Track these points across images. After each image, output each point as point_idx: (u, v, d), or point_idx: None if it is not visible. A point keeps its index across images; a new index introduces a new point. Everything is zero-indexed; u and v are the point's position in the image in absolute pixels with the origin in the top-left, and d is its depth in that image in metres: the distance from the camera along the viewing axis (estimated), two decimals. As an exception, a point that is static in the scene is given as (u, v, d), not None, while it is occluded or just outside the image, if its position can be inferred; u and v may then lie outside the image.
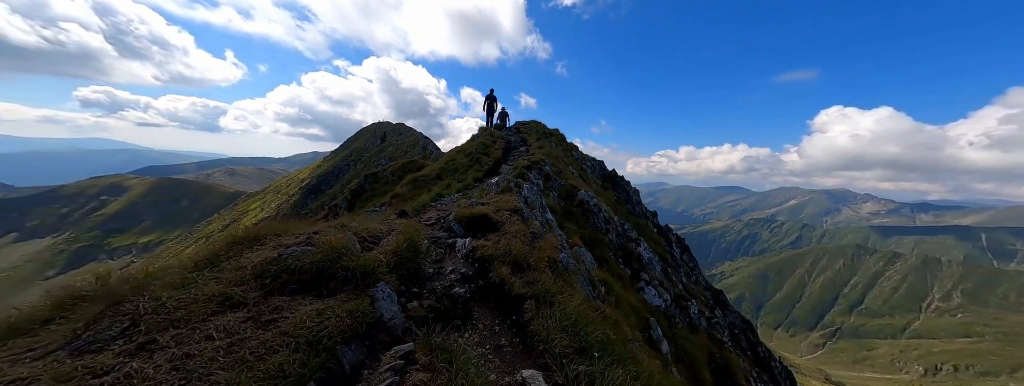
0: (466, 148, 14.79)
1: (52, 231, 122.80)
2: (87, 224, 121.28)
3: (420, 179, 13.76)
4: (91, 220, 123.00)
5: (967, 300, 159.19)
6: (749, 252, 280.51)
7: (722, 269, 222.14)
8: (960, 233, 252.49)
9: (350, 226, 3.60)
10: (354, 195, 26.34)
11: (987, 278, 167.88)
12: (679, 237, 18.65)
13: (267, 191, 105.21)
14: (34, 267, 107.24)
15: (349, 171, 75.27)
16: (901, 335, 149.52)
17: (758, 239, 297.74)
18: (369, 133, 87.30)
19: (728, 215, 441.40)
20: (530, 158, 11.87)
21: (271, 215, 76.82)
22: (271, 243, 2.68)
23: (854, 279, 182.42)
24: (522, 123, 17.55)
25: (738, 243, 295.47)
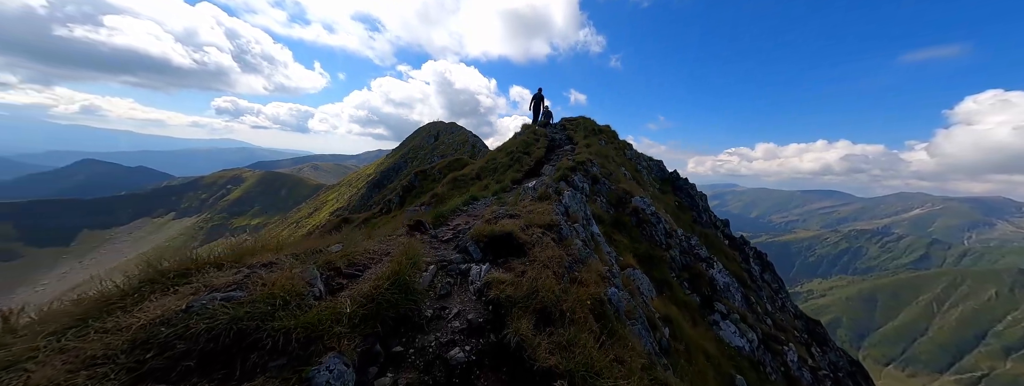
0: (507, 147, 13.86)
1: (196, 212, 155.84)
2: (218, 207, 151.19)
3: (460, 178, 13.25)
4: (220, 204, 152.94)
5: None
6: (848, 269, 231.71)
7: (810, 287, 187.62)
8: None
9: (327, 252, 2.77)
10: (405, 191, 27.48)
11: None
12: (758, 252, 15.30)
13: (341, 184, 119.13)
14: (184, 239, 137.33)
15: (406, 167, 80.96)
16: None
17: (862, 255, 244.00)
18: (424, 132, 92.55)
19: (819, 224, 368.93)
20: (575, 158, 10.41)
21: (343, 206, 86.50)
22: (196, 281, 1.94)
23: (1015, 314, 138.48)
24: (568, 119, 15.95)
25: (833, 258, 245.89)
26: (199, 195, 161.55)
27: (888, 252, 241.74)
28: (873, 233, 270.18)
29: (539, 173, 11.25)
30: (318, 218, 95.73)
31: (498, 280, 3.02)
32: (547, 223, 4.39)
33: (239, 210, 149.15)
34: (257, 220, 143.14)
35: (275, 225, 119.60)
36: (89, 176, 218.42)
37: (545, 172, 10.88)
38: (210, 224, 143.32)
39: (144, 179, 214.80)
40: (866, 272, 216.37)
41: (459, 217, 6.96)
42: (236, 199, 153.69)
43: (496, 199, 8.01)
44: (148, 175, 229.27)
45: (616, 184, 9.86)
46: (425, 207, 12.79)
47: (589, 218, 6.36)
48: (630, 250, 7.35)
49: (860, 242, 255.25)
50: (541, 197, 6.05)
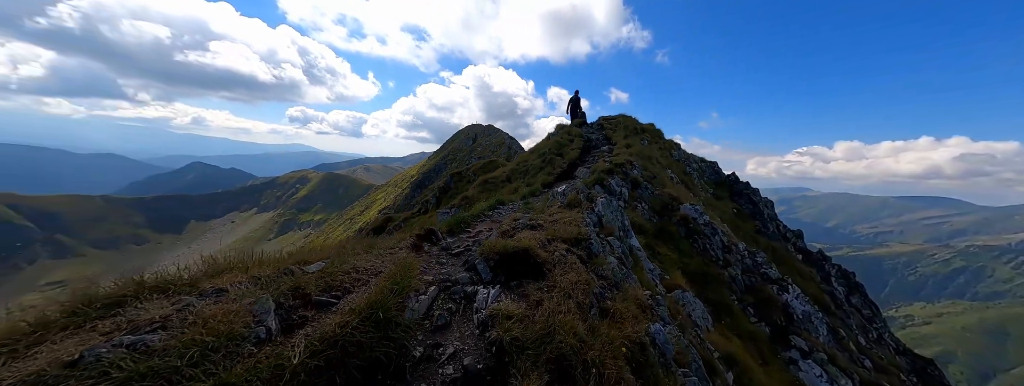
0: (539, 148, 13.12)
1: (273, 207, 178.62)
2: (288, 204, 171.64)
3: (490, 181, 12.85)
4: (290, 201, 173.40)
5: None
6: (965, 294, 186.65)
7: (909, 311, 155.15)
8: None
9: (300, 274, 2.35)
10: (441, 192, 28.09)
11: None
12: (843, 270, 12.56)
13: (388, 185, 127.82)
14: (263, 232, 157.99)
15: (446, 169, 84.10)
16: None
17: (986, 276, 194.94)
18: (463, 135, 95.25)
19: (924, 237, 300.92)
20: (613, 159, 9.32)
21: (389, 204, 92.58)
22: (126, 313, 1.58)
23: None
24: (606, 118, 14.66)
25: (942, 278, 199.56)
26: (275, 193, 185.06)
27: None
28: (1003, 250, 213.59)
29: (572, 176, 10.35)
30: (368, 215, 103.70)
31: (505, 314, 2.37)
32: (574, 237, 3.62)
33: (305, 207, 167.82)
34: (319, 216, 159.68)
35: (333, 221, 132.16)
36: (196, 176, 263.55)
37: (579, 175, 9.95)
38: (283, 218, 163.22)
39: (236, 179, 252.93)
40: (991, 298, 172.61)
41: (482, 223, 6.44)
42: (303, 197, 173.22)
43: (523, 204, 7.37)
44: (239, 176, 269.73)
45: (661, 188, 8.57)
46: (454, 210, 12.62)
47: (627, 229, 5.40)
48: (678, 266, 6.19)
49: (983, 261, 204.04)
50: (570, 204, 5.25)
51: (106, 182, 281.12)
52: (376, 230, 32.39)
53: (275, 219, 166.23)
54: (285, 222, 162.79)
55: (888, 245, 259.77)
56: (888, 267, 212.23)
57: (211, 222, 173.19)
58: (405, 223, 28.23)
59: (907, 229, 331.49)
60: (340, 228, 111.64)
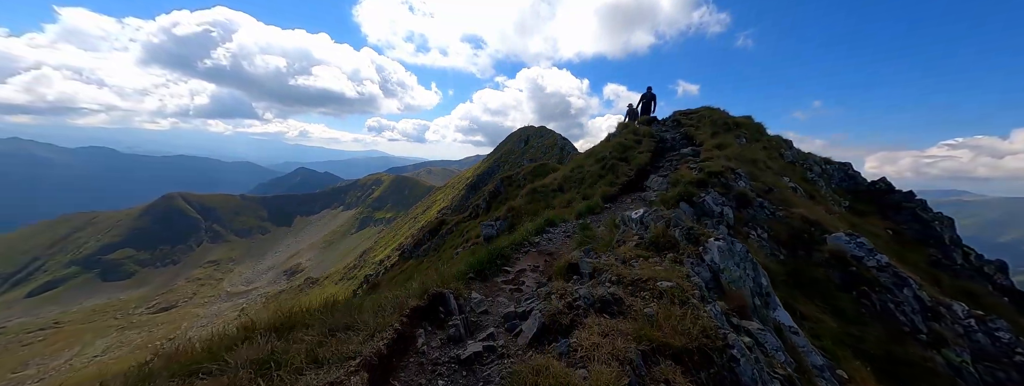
0: (598, 151, 10.92)
1: (355, 205, 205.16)
2: (366, 203, 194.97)
3: (540, 190, 11.16)
4: (367, 201, 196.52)
5: None
6: None
7: None
8: None
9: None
10: (491, 197, 27.31)
11: None
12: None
13: (447, 186, 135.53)
14: (346, 227, 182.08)
15: (499, 171, 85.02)
16: None
17: None
18: (516, 137, 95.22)
19: None
20: (704, 165, 6.73)
21: (447, 205, 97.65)
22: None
23: None
24: (685, 113, 11.54)
25: None
26: (355, 193, 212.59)
27: None
28: None
29: (641, 187, 8.03)
30: (429, 214, 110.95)
31: None
32: (695, 344, 1.73)
33: (379, 206, 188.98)
34: (390, 214, 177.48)
35: (400, 219, 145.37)
36: (301, 179, 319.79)
37: (652, 186, 7.61)
38: (362, 215, 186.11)
39: (329, 181, 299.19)
40: None
41: (526, 257, 4.80)
42: (377, 197, 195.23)
43: (580, 228, 5.51)
44: (331, 179, 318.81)
45: (786, 207, 5.72)
46: (499, 223, 11.24)
47: (767, 293, 3.15)
48: (846, 342, 3.65)
49: None
50: (657, 244, 3.26)
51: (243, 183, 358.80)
52: (432, 232, 33.16)
53: (356, 216, 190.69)
54: (363, 219, 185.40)
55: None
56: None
57: (311, 217, 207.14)
58: (457, 227, 28.15)
59: None
60: (406, 225, 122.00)
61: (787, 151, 10.76)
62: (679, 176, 6.58)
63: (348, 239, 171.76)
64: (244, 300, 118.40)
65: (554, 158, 72.61)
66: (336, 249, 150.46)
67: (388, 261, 77.51)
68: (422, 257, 28.52)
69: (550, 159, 73.75)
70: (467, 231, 24.82)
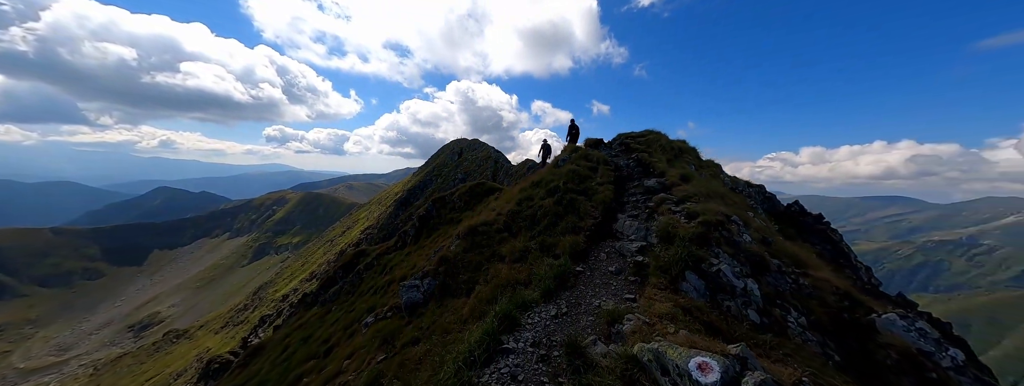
0: (548, 180, 9.13)
1: (247, 232, 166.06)
2: (264, 227, 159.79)
3: (481, 231, 8.67)
4: (267, 224, 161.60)
5: None
6: (928, 287, 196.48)
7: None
8: None
9: None
10: (422, 222, 23.40)
11: None
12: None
13: (372, 203, 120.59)
14: (235, 258, 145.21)
15: (432, 185, 79.24)
16: None
17: (944, 270, 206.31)
18: (448, 150, 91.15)
19: (887, 234, 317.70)
20: (692, 210, 5.28)
21: (373, 224, 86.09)
22: None
23: None
24: (632, 136, 10.81)
25: (907, 273, 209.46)
26: (249, 216, 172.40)
27: (978, 267, 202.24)
28: (956, 244, 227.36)
29: (611, 231, 6.37)
30: (350, 236, 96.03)
31: None
32: None
33: (282, 229, 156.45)
34: (297, 238, 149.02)
35: (314, 243, 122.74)
36: (163, 201, 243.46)
37: (625, 232, 5.97)
38: (258, 243, 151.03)
39: (207, 203, 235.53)
40: (951, 290, 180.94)
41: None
42: (280, 219, 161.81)
43: (554, 316, 3.17)
44: (210, 199, 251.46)
45: (804, 271, 4.48)
46: (428, 283, 8.12)
47: None
48: None
49: (940, 255, 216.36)
50: None
51: (59, 212, 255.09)
52: (346, 267, 27.02)
53: (249, 244, 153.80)
54: (260, 246, 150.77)
55: (857, 243, 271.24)
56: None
57: (177, 250, 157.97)
58: (378, 261, 23.20)
59: (870, 228, 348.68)
60: (320, 250, 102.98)
61: (723, 176, 10.87)
62: (668, 227, 4.98)
63: (236, 274, 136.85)
64: (54, 376, 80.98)
65: (489, 171, 71.21)
66: (217, 288, 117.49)
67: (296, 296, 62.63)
68: (330, 303, 22.45)
69: (485, 172, 71.99)
70: (392, 267, 20.31)
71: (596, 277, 5.04)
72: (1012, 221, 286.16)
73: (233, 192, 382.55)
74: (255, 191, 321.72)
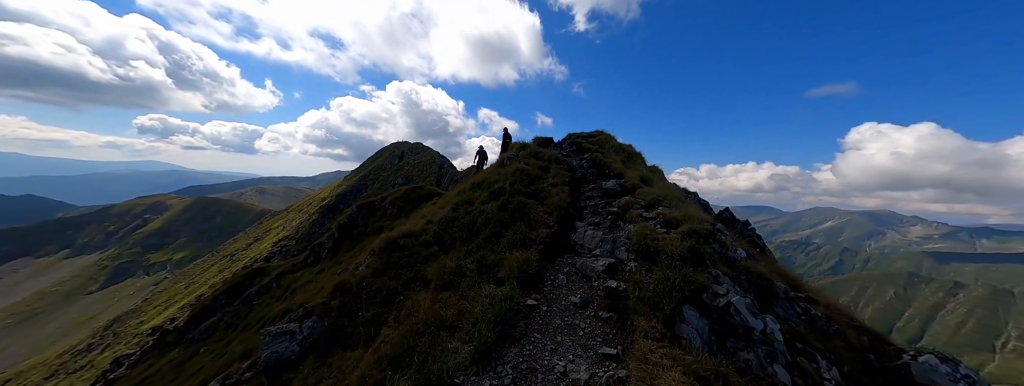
0: (492, 180, 7.42)
1: (100, 248, 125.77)
2: (130, 241, 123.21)
3: (402, 244, 6.43)
4: (133, 237, 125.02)
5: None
6: None
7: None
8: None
9: None
10: (342, 231, 19.30)
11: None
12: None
13: (290, 210, 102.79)
14: (79, 282, 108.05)
15: (367, 190, 70.88)
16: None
17: (792, 263, 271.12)
18: (388, 153, 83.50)
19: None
20: (667, 216, 4.14)
21: (291, 235, 72.72)
22: None
23: (909, 311, 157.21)
24: (583, 136, 9.99)
25: None
26: (105, 227, 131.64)
27: (812, 260, 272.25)
28: (799, 243, 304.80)
29: (569, 244, 4.93)
30: (260, 248, 79.55)
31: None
32: None
33: (159, 243, 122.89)
34: (182, 254, 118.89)
35: (207, 259, 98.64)
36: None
37: (587, 244, 4.59)
38: (117, 262, 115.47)
39: (31, 210, 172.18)
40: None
41: None
42: (155, 230, 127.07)
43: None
44: (41, 206, 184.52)
45: (814, 300, 3.51)
46: (310, 326, 5.27)
47: None
48: None
49: (790, 252, 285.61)
50: None
51: None
52: (232, 291, 20.94)
53: (103, 263, 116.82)
54: (122, 266, 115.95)
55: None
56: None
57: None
58: (279, 283, 18.34)
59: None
60: (214, 267, 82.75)
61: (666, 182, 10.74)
62: (645, 239, 3.69)
63: (78, 303, 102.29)
64: None
65: (433, 177, 66.83)
66: (45, 324, 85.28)
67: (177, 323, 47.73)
68: (200, 342, 16.76)
69: (428, 177, 67.36)
70: (294, 290, 15.90)
71: (556, 313, 3.44)
72: (830, 225, 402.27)
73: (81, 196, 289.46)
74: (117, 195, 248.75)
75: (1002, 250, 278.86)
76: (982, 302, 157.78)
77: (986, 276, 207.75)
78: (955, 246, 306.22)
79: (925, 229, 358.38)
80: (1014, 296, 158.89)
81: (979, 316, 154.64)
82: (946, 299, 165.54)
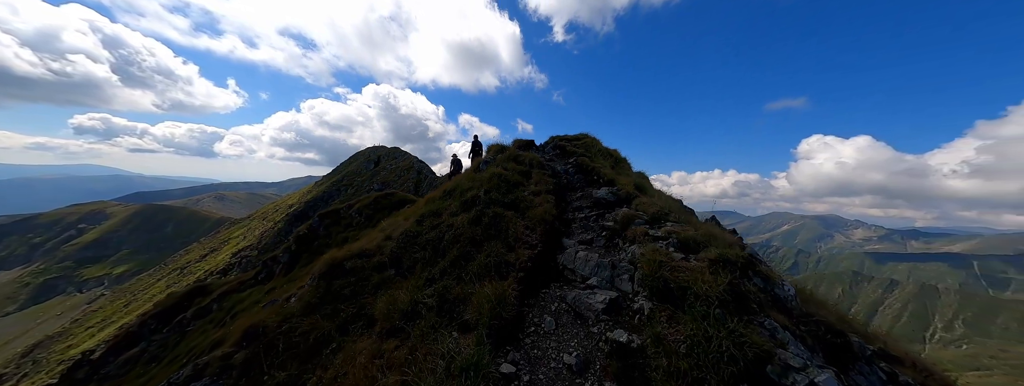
0: (464, 186, 6.20)
1: (22, 262, 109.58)
2: (59, 254, 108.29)
3: (348, 268, 5.01)
4: (64, 250, 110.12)
5: (970, 330, 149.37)
6: None
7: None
8: (952, 260, 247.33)
9: None
10: (301, 244, 17.07)
11: (986, 307, 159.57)
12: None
13: (254, 217, 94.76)
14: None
15: (340, 196, 66.68)
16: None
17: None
18: (363, 157, 79.57)
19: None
20: (682, 235, 3.17)
21: (253, 244, 66.66)
22: None
23: (855, 307, 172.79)
24: (567, 139, 9.06)
25: None
26: (29, 239, 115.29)
27: (773, 262, 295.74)
28: (759, 245, 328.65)
29: (557, 268, 3.85)
30: (216, 260, 72.11)
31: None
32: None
33: (96, 256, 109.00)
34: (124, 267, 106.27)
35: (152, 274, 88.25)
36: None
37: (580, 270, 3.52)
38: (42, 278, 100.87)
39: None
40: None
41: None
42: (92, 241, 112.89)
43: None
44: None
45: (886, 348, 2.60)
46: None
47: None
48: None
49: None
50: None
51: None
52: (165, 315, 17.97)
53: (24, 279, 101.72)
54: (49, 282, 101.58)
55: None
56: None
57: None
58: (222, 303, 15.82)
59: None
60: (161, 283, 73.85)
61: (655, 191, 10.02)
62: (659, 267, 2.67)
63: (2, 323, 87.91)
64: None
65: (410, 183, 64.02)
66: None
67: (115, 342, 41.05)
68: (119, 378, 13.93)
69: (406, 183, 64.48)
70: (239, 312, 13.54)
71: (542, 383, 2.29)
72: (787, 228, 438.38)
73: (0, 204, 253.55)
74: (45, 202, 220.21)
75: (928, 250, 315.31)
76: (913, 298, 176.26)
77: (916, 274, 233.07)
78: (890, 247, 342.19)
79: (866, 232, 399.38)
80: (938, 292, 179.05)
81: (911, 310, 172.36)
82: (884, 295, 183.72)
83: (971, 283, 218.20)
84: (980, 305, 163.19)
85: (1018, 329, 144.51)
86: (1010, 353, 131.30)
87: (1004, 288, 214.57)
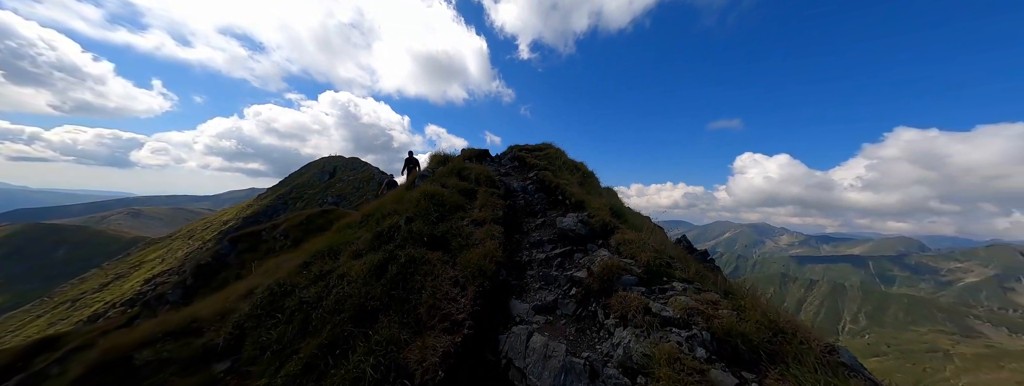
0: (386, 211, 4.24)
1: None
2: None
3: (137, 365, 2.84)
4: None
5: (870, 322, 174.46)
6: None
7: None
8: (854, 261, 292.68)
9: None
10: (201, 277, 13.26)
11: (880, 301, 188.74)
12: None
13: (175, 236, 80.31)
14: None
15: (286, 210, 58.81)
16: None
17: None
18: (317, 167, 72.13)
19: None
20: (719, 323, 1.69)
21: (174, 268, 55.59)
22: None
23: (784, 305, 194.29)
24: (527, 149, 7.52)
25: None
26: None
27: (719, 266, 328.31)
28: (708, 252, 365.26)
29: (495, 368, 2.15)
30: (122, 289, 58.78)
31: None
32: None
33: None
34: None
35: (31, 308, 69.68)
36: None
37: (531, 374, 1.82)
38: None
39: None
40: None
41: None
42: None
43: None
44: None
45: None
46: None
47: None
48: None
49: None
50: None
51: None
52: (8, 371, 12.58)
53: None
54: None
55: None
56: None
57: None
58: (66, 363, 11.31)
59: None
60: (42, 320, 57.91)
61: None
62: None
63: None
64: None
65: (370, 196, 58.82)
66: None
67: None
68: None
69: (365, 197, 59.09)
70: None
71: None
72: (728, 236, 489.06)
73: None
74: None
75: (836, 253, 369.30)
76: (827, 295, 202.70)
77: (828, 274, 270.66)
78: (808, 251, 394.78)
79: (789, 238, 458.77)
80: (846, 289, 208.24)
81: (827, 306, 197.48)
82: (806, 294, 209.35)
83: (868, 280, 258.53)
84: (876, 299, 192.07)
85: (904, 318, 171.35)
86: (899, 339, 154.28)
87: (892, 283, 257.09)
